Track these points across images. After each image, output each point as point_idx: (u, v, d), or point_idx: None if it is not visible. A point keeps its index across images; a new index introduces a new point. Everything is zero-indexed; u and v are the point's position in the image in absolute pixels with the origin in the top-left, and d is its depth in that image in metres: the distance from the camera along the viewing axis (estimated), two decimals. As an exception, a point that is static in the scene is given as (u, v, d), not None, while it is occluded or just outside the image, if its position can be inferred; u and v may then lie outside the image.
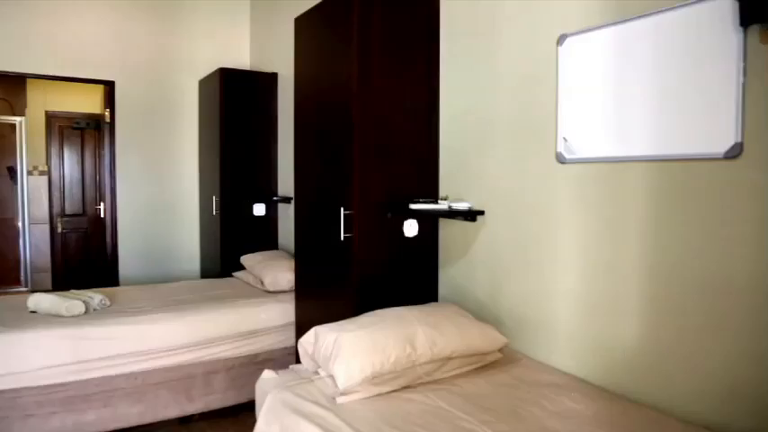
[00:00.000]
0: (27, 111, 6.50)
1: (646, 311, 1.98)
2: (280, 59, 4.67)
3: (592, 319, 2.18)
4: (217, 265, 4.67)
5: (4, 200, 6.18)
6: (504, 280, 2.58)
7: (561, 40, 2.24)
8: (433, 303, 2.70)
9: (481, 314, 2.61)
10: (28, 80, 6.20)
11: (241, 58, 5.31)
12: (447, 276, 2.93)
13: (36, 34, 4.58)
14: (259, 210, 4.57)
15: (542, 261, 2.38)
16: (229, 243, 4.58)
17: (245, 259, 4.25)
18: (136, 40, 4.96)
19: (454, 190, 2.85)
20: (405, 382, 2.10)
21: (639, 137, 1.98)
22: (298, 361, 2.85)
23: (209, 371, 3.30)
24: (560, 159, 2.27)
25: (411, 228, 2.72)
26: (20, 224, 6.46)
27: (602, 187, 2.12)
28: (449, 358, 2.21)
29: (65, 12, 4.67)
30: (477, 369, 2.28)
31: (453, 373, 2.23)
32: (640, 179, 1.98)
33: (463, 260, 2.81)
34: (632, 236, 2.01)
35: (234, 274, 4.33)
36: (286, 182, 4.56)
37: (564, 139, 2.25)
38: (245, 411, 3.29)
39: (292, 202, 4.16)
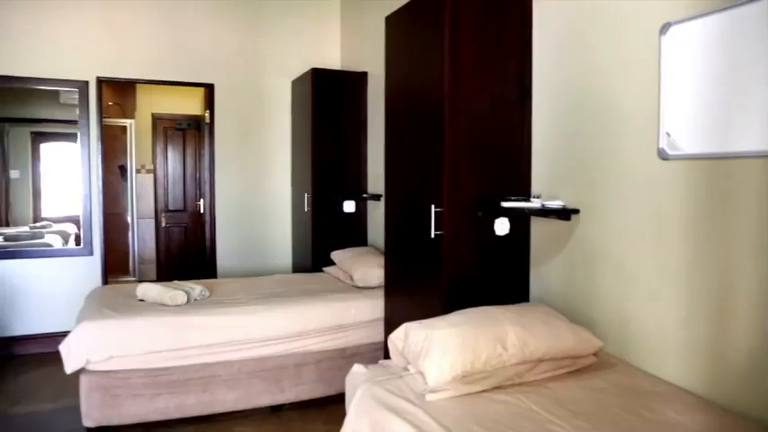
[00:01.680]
0: (136, 114, 6.99)
1: (763, 318, 1.83)
2: (370, 58, 4.73)
3: (699, 324, 2.04)
4: (308, 259, 4.80)
5: (116, 196, 6.68)
6: (600, 281, 2.48)
7: (664, 29, 2.12)
8: (524, 303, 2.65)
9: (575, 316, 2.51)
10: (137, 85, 6.66)
11: (332, 57, 5.43)
12: (539, 276, 2.86)
13: (144, 44, 4.92)
14: (349, 207, 4.65)
15: (642, 262, 2.26)
16: (320, 239, 4.70)
17: (336, 255, 4.35)
18: (233, 44, 5.20)
19: (547, 188, 2.77)
20: (495, 383, 2.07)
21: (752, 131, 1.83)
22: (386, 357, 2.87)
23: (299, 362, 3.41)
24: (662, 156, 2.15)
25: (502, 226, 2.67)
26: (129, 219, 6.95)
27: (710, 185, 1.98)
28: (540, 360, 2.16)
29: (170, 22, 4.98)
30: (569, 373, 2.21)
31: (545, 375, 2.17)
32: (754, 176, 1.83)
33: (556, 260, 2.73)
34: (746, 237, 1.87)
35: (324, 269, 4.44)
36: (375, 179, 4.62)
37: (667, 134, 2.13)
38: (333, 404, 3.37)
39: (381, 199, 4.21)
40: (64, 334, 3.14)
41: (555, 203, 2.57)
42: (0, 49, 4.50)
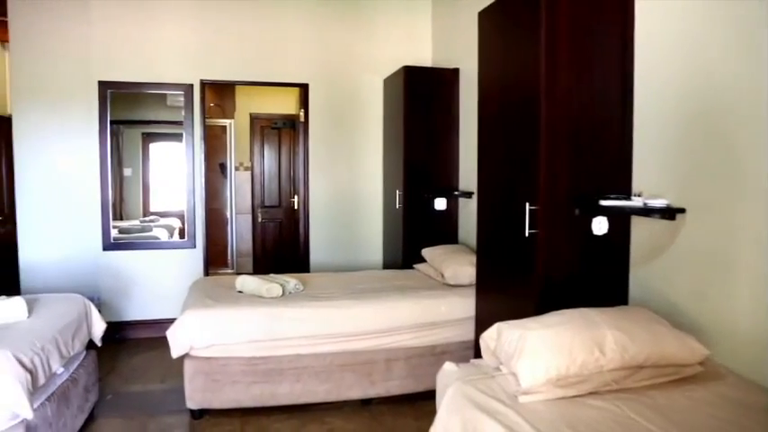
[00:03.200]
0: (235, 114, 7.33)
1: None
2: (462, 54, 4.69)
3: (823, 336, 1.86)
4: (398, 256, 4.84)
5: (216, 192, 7.04)
6: (708, 285, 2.32)
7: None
8: (623, 306, 2.52)
9: (679, 321, 2.37)
10: (236, 87, 6.99)
11: (423, 54, 5.44)
12: (639, 278, 2.72)
13: (243, 47, 5.15)
14: (440, 204, 4.64)
15: (757, 265, 2.09)
16: (411, 236, 4.73)
17: (427, 252, 4.35)
18: (326, 45, 5.33)
19: (649, 185, 2.62)
20: (590, 388, 1.99)
21: None
22: (476, 355, 2.85)
23: (389, 358, 3.45)
24: (784, 151, 1.98)
25: (601, 225, 2.56)
26: (228, 214, 7.31)
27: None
28: (640, 367, 2.05)
29: (266, 26, 5.19)
30: (672, 381, 2.08)
31: (645, 383, 2.06)
32: None
33: (659, 262, 2.58)
34: None
35: (415, 265, 4.45)
36: (467, 176, 4.58)
37: (790, 127, 1.95)
38: (422, 400, 3.38)
39: (473, 196, 4.17)
40: (170, 320, 3.36)
41: (658, 202, 2.43)
42: (115, 57, 4.88)
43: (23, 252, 4.80)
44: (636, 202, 2.52)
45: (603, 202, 2.54)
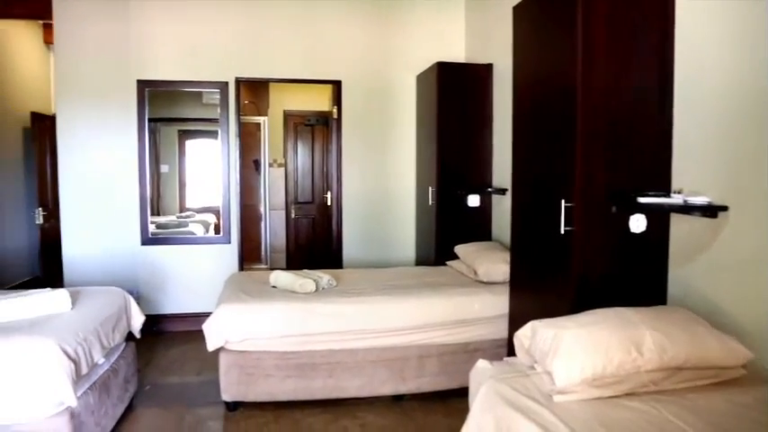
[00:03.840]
0: (269, 111, 7.42)
1: None
2: (495, 50, 4.65)
3: None
4: (431, 253, 4.84)
5: (251, 188, 7.13)
6: (752, 286, 2.25)
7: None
8: (661, 306, 2.47)
9: (720, 322, 2.30)
10: (270, 84, 7.07)
11: (456, 50, 5.40)
12: (678, 278, 2.65)
13: (277, 45, 5.20)
14: (473, 201, 4.61)
15: (805, 267, 2.02)
16: (444, 232, 4.71)
17: (460, 249, 4.33)
18: (359, 42, 5.34)
19: (689, 182, 2.55)
20: (627, 389, 1.96)
21: None
22: (509, 353, 2.83)
23: (422, 354, 3.45)
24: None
25: (638, 223, 2.51)
26: (262, 210, 7.41)
27: None
28: (679, 368, 2.01)
29: (300, 23, 5.23)
30: (713, 384, 2.02)
31: (684, 385, 2.01)
32: None
33: (699, 261, 2.52)
34: None
35: (447, 262, 4.44)
36: (501, 173, 4.53)
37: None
38: (454, 397, 3.37)
39: (507, 193, 4.13)
40: (206, 314, 3.43)
41: (699, 199, 2.37)
42: (153, 57, 5.00)
43: (66, 246, 4.96)
44: (676, 199, 2.46)
45: (642, 200, 2.48)
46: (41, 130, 6.31)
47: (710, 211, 2.30)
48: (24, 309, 2.78)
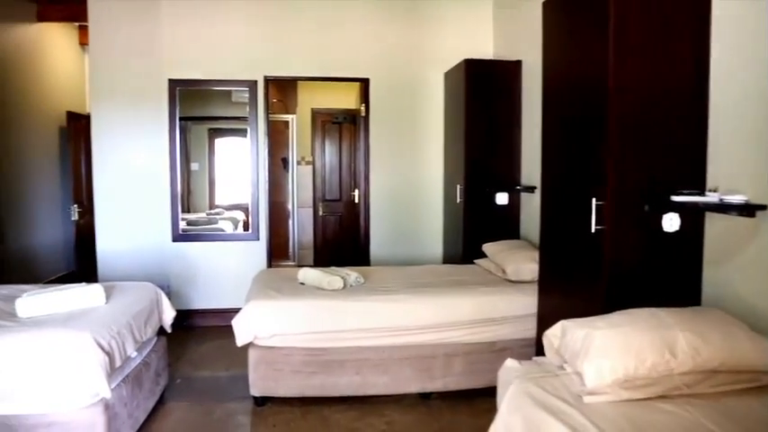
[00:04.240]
0: (297, 109, 7.48)
1: None
2: (524, 46, 4.60)
3: None
4: (458, 251, 4.81)
5: (279, 186, 7.20)
6: (790, 287, 2.19)
7: None
8: (695, 308, 2.41)
9: (758, 325, 2.24)
10: (298, 82, 7.12)
11: (484, 47, 5.36)
12: (713, 278, 2.59)
13: (305, 44, 5.24)
14: (502, 199, 4.58)
15: None
16: (472, 230, 4.68)
17: (487, 247, 4.30)
18: (387, 39, 5.34)
19: (725, 180, 2.49)
20: (660, 391, 1.92)
21: None
22: (537, 353, 2.81)
23: (448, 353, 3.44)
24: None
25: (672, 222, 2.46)
26: (290, 207, 7.47)
27: None
28: (714, 372, 1.96)
29: (328, 22, 5.25)
30: (751, 389, 1.97)
31: (720, 389, 1.96)
32: None
33: (736, 261, 2.45)
34: None
35: (475, 261, 4.41)
36: (530, 171, 4.49)
37: None
38: (480, 396, 3.35)
39: (536, 191, 4.09)
40: (235, 310, 3.47)
41: (736, 198, 2.31)
42: (183, 56, 5.08)
43: (100, 242, 5.08)
44: (711, 197, 2.40)
45: (676, 198, 2.43)
46: (76, 129, 6.46)
47: (748, 209, 2.24)
48: (61, 303, 2.86)
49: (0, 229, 5.51)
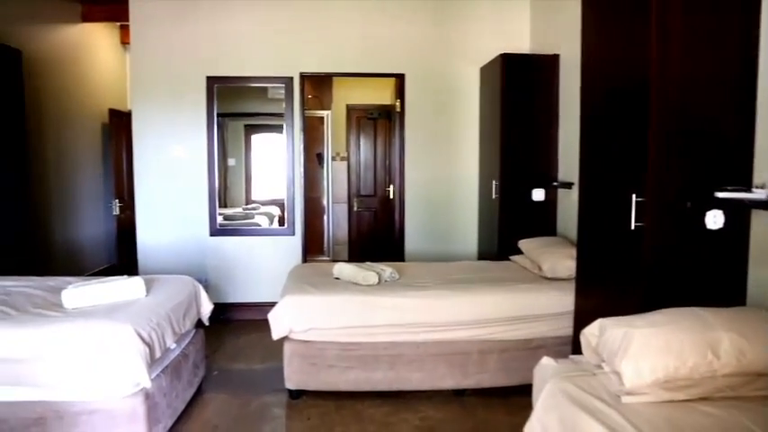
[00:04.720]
0: (332, 105, 7.51)
1: None
2: (562, 40, 4.52)
3: None
4: (494, 247, 4.77)
5: (314, 181, 7.25)
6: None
7: None
8: (739, 308, 2.34)
9: (807, 327, 2.16)
10: (333, 78, 7.14)
11: (521, 41, 5.28)
12: (760, 278, 2.50)
13: (340, 40, 5.26)
14: (538, 195, 4.52)
15: None
16: (507, 227, 4.63)
17: (523, 243, 4.26)
18: (422, 34, 5.31)
19: (773, 177, 2.40)
20: (701, 393, 1.87)
21: None
22: (574, 351, 2.76)
23: (483, 350, 3.41)
24: None
25: (715, 219, 2.39)
26: (325, 203, 7.52)
27: None
28: (759, 374, 1.90)
29: (363, 17, 5.26)
30: (798, 393, 1.91)
31: (765, 392, 1.90)
32: None
33: (783, 260, 2.37)
34: None
35: (511, 257, 4.36)
36: (567, 167, 4.41)
37: None
38: (515, 394, 3.33)
39: (573, 187, 4.02)
40: (271, 304, 3.52)
41: (785, 195, 2.23)
42: (221, 54, 5.16)
43: (141, 235, 5.22)
44: (758, 194, 2.32)
45: (720, 194, 2.36)
46: (118, 126, 6.63)
47: (797, 207, 2.16)
48: (104, 295, 2.95)
49: (48, 224, 5.70)
